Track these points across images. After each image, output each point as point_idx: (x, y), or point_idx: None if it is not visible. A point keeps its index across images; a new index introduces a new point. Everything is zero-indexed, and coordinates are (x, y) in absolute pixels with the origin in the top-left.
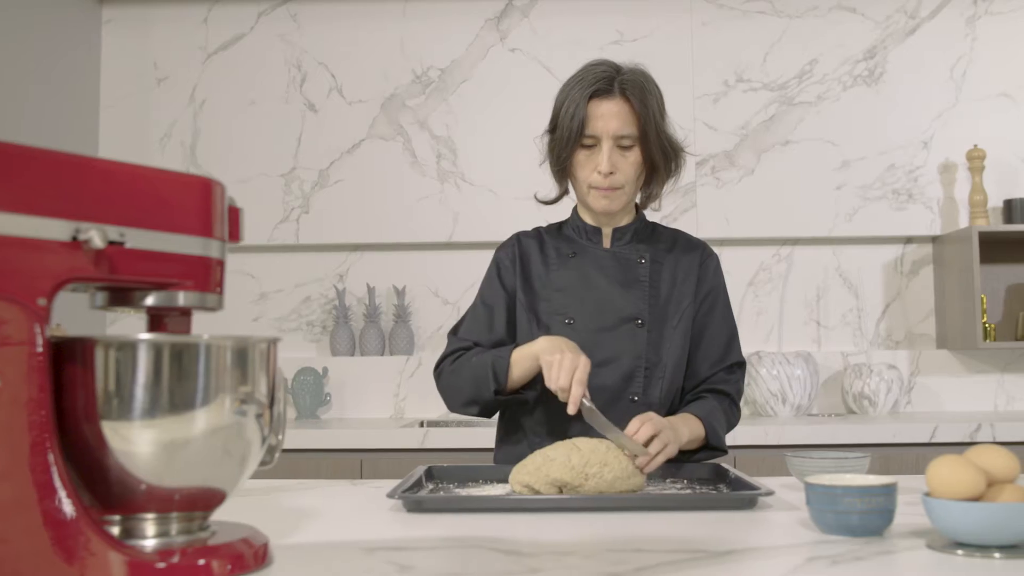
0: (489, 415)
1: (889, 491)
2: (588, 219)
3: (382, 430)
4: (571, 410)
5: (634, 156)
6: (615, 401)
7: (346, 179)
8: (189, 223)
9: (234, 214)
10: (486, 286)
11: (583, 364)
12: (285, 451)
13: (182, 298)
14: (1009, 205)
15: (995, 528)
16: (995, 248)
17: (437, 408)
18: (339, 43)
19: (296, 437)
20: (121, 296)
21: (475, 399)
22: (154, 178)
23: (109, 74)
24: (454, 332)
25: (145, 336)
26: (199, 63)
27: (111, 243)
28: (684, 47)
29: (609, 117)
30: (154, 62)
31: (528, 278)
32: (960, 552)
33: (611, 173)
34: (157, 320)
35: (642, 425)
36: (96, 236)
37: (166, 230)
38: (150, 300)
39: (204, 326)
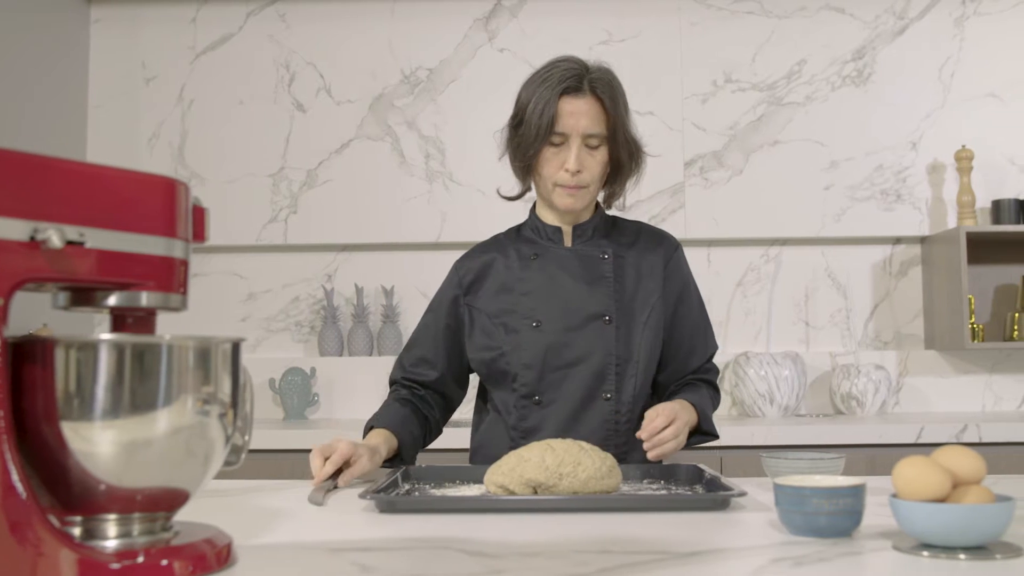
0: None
1: (857, 492)
2: (548, 218)
3: None
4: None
5: (601, 155)
6: (589, 401)
7: (334, 179)
8: (151, 223)
9: (199, 214)
10: (436, 296)
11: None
12: (271, 452)
13: (145, 298)
14: (997, 206)
15: (960, 529)
16: (983, 249)
17: None
18: (327, 43)
19: (283, 437)
20: (83, 296)
21: None
22: (116, 178)
23: (97, 74)
24: (408, 345)
25: (105, 336)
26: (187, 63)
27: (70, 243)
28: (672, 47)
29: (579, 115)
30: (142, 62)
31: (489, 289)
32: (926, 553)
33: (579, 172)
34: (120, 320)
35: (668, 424)
36: (54, 236)
37: (128, 230)
38: (112, 300)
39: (194, 326)
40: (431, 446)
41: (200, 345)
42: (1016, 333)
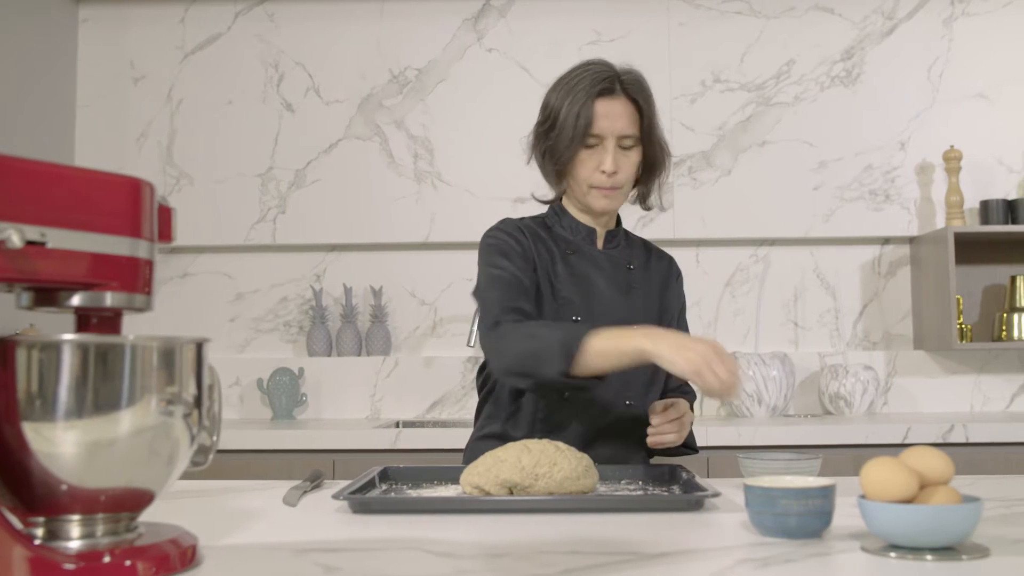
0: (541, 393)
1: (826, 493)
2: (582, 219)
3: (354, 431)
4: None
5: (634, 156)
6: (611, 406)
7: (323, 179)
8: (115, 223)
9: (165, 214)
10: (499, 258)
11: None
12: (259, 452)
13: (109, 299)
14: (985, 206)
15: (927, 530)
16: (971, 249)
17: (413, 409)
18: (316, 43)
19: (270, 437)
20: (46, 296)
21: (530, 373)
22: (79, 178)
23: (86, 73)
24: (488, 292)
25: (68, 336)
26: (176, 63)
27: (31, 243)
28: (661, 47)
29: (615, 117)
30: (131, 61)
31: (539, 262)
32: (893, 554)
33: (614, 173)
34: (85, 320)
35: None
36: (14, 235)
37: (90, 230)
38: (76, 300)
39: (183, 326)
40: (413, 445)
41: (164, 345)
42: (1004, 333)
